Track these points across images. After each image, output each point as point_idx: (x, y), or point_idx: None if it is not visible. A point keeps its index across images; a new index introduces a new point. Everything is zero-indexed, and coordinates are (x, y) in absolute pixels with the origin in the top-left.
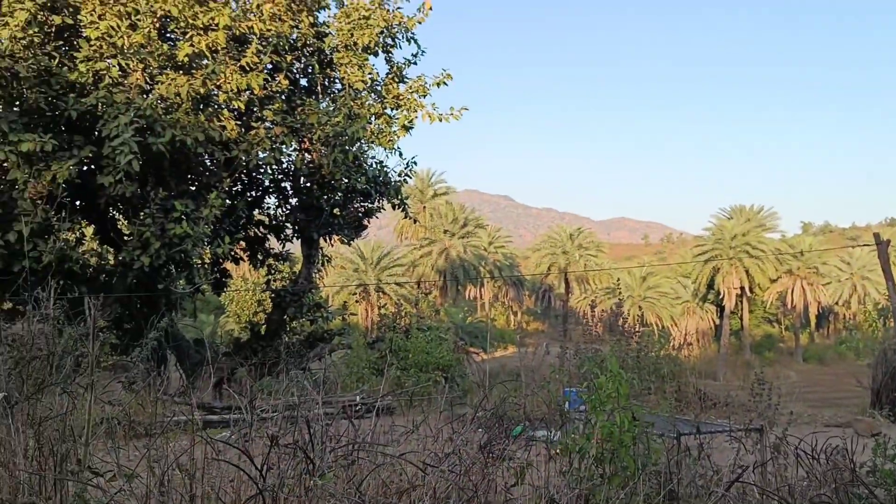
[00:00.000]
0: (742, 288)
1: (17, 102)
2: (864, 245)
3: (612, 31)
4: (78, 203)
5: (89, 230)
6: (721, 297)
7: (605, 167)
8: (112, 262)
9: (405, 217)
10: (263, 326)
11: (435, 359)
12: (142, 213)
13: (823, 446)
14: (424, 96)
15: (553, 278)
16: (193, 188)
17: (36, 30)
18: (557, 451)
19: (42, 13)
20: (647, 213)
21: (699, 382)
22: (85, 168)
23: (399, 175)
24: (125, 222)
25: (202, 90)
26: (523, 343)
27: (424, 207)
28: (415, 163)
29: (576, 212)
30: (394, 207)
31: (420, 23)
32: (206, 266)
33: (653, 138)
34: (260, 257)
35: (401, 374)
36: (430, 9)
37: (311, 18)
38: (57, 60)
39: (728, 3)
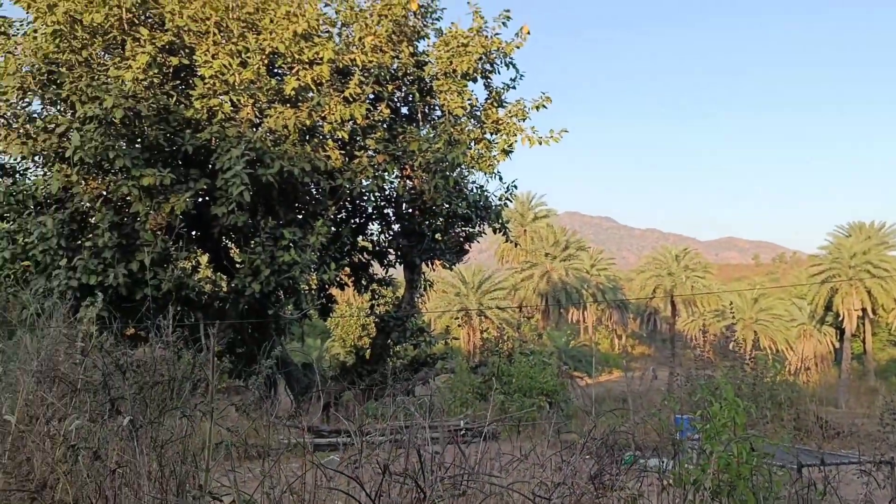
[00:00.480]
0: (864, 309)
1: (139, 139)
2: None
3: (712, 45)
4: (193, 233)
5: (204, 258)
6: (840, 319)
7: (711, 185)
8: (225, 289)
9: (506, 241)
10: (368, 351)
11: (539, 384)
12: (252, 242)
13: None
14: (524, 120)
15: (658, 301)
16: (300, 216)
17: (155, 71)
18: (670, 481)
19: (161, 55)
20: (756, 233)
21: (819, 410)
22: (200, 199)
23: (499, 199)
24: (237, 251)
25: (308, 122)
26: (629, 367)
27: (525, 230)
28: (515, 186)
29: (680, 232)
30: (494, 231)
31: (518, 47)
32: (312, 292)
33: (760, 153)
34: (364, 283)
35: (504, 398)
36: (528, 33)
37: (410, 48)
38: (174, 99)
39: (816, 18)
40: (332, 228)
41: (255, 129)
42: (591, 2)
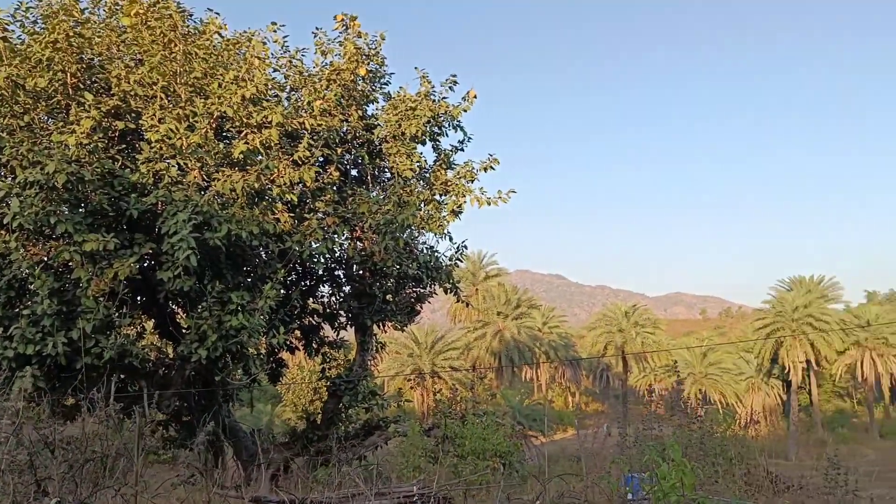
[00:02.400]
0: (808, 361)
1: (83, 204)
2: None
3: (659, 99)
4: (139, 299)
5: (149, 324)
6: (786, 371)
7: (659, 242)
8: (170, 355)
9: (457, 301)
10: (319, 415)
11: (493, 445)
12: (199, 307)
13: None
14: (472, 181)
15: (610, 357)
16: (249, 280)
17: (100, 136)
18: None
19: (106, 120)
20: (703, 288)
21: (770, 463)
22: (145, 264)
23: (450, 259)
24: (183, 316)
25: (256, 185)
26: (583, 425)
27: (477, 290)
28: (465, 246)
29: (630, 288)
30: (446, 292)
31: (465, 111)
32: (262, 356)
33: (706, 211)
34: (315, 346)
35: (458, 461)
36: (475, 97)
37: (359, 112)
38: (119, 163)
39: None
40: (282, 291)
41: (202, 193)
42: (542, 65)
